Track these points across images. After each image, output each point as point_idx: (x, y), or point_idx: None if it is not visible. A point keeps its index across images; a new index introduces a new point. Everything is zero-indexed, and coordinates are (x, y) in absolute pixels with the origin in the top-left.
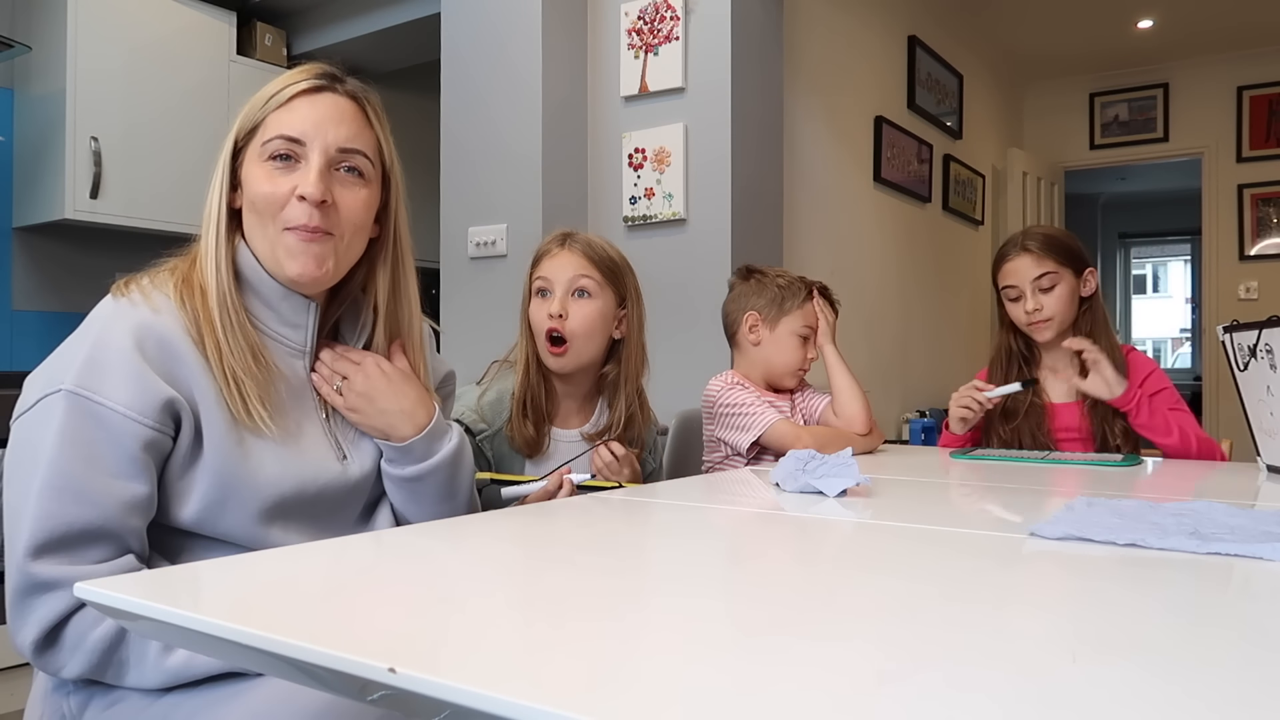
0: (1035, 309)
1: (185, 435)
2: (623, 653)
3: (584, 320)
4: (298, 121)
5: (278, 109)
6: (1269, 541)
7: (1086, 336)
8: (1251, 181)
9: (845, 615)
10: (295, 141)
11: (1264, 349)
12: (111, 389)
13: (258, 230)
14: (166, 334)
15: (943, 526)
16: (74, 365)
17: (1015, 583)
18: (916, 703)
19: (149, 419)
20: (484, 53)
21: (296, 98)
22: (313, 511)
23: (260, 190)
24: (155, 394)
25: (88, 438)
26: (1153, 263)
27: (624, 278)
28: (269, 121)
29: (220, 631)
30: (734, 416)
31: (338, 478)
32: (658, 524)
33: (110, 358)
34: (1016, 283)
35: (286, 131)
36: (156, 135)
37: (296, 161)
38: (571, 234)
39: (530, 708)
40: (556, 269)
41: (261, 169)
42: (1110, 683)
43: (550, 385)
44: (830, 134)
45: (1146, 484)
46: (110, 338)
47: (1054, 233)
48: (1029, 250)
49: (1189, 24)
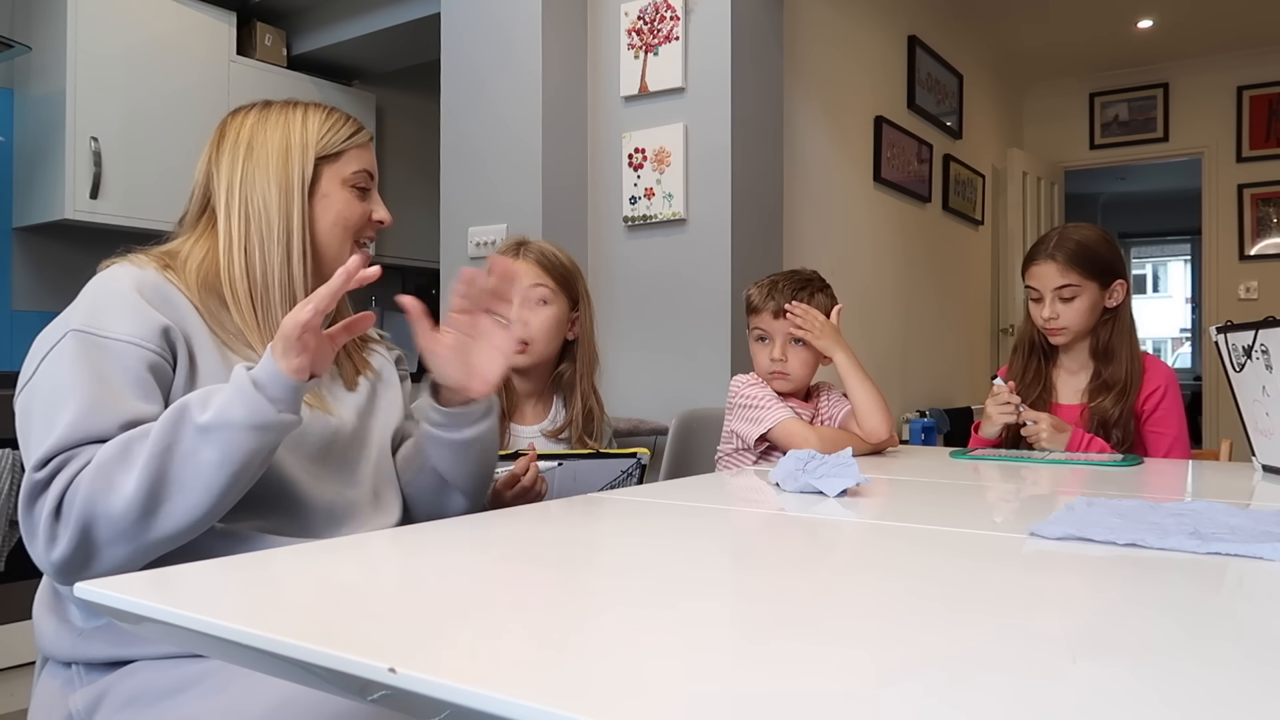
0: (1051, 317)
1: (182, 364)
2: (623, 653)
3: (542, 326)
4: (370, 162)
5: (357, 148)
6: (1269, 541)
7: (1103, 346)
8: (1251, 181)
9: (845, 615)
10: (370, 176)
11: (1260, 349)
12: (114, 323)
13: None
14: (161, 283)
15: (943, 526)
16: (79, 312)
17: (1015, 583)
18: (916, 703)
19: (149, 343)
20: (484, 53)
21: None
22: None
23: (354, 211)
24: (153, 321)
25: (100, 362)
26: (1153, 263)
27: (575, 282)
28: (352, 155)
29: (221, 631)
30: (748, 409)
31: (319, 418)
32: (658, 524)
33: (110, 300)
34: (1039, 287)
35: (369, 168)
36: (156, 135)
37: (368, 191)
38: (525, 242)
39: (530, 708)
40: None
41: (347, 193)
42: (1110, 683)
43: (509, 385)
44: (830, 134)
45: (1146, 484)
46: (109, 286)
47: (1087, 241)
48: (1055, 259)
49: (1189, 24)
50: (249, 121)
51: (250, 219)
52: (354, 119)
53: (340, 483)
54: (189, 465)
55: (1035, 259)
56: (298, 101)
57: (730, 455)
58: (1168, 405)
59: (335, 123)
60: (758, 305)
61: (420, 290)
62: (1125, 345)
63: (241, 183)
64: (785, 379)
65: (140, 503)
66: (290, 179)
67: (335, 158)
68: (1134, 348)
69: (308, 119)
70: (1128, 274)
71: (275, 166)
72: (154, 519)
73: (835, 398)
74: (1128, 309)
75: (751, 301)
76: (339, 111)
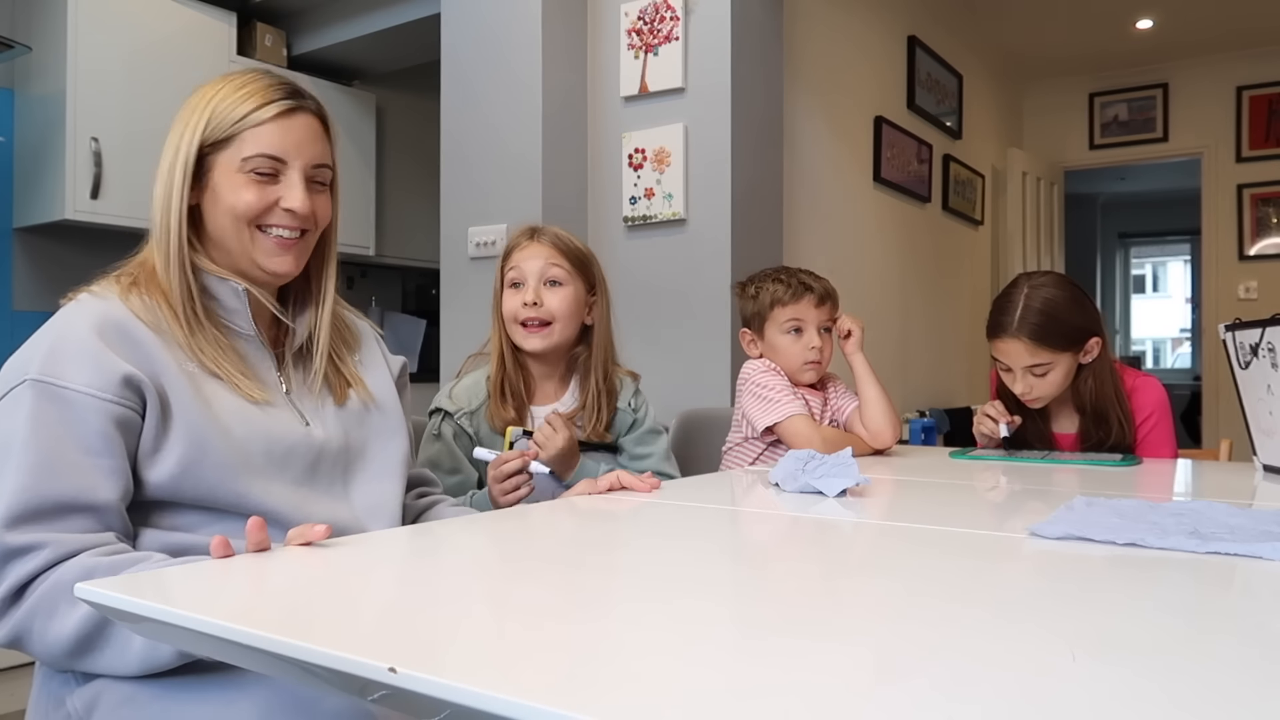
0: (1025, 391)
1: (152, 411)
2: (622, 653)
3: (561, 304)
4: (278, 141)
5: (255, 127)
6: (1268, 541)
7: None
8: (1251, 181)
9: (845, 615)
10: (278, 160)
11: (1266, 347)
12: (74, 373)
13: (229, 231)
14: (123, 321)
15: (943, 526)
16: (37, 357)
17: (1015, 583)
18: (916, 699)
19: (110, 394)
20: (484, 53)
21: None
22: (289, 474)
23: (243, 199)
24: (114, 371)
25: (56, 419)
26: (1152, 263)
27: (591, 267)
28: (247, 137)
29: (221, 632)
30: (760, 398)
31: (303, 439)
32: (658, 524)
33: (70, 346)
34: (1007, 362)
35: (269, 151)
36: (157, 136)
37: (276, 176)
38: (539, 228)
39: (530, 707)
40: (527, 260)
41: (239, 179)
42: (1110, 681)
43: (526, 370)
44: (830, 134)
45: (1146, 484)
46: (69, 329)
47: (1052, 309)
48: (1020, 338)
49: (1189, 24)
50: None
51: (152, 214)
52: (274, 88)
53: (332, 499)
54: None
55: (999, 333)
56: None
57: (738, 446)
58: (1159, 431)
59: (237, 99)
60: (788, 298)
61: (420, 290)
62: (1110, 398)
63: (157, 171)
64: (818, 368)
65: (73, 644)
66: (174, 168)
67: (225, 143)
68: (1121, 401)
69: (215, 96)
70: (1101, 327)
71: (169, 154)
72: (81, 658)
73: (843, 390)
74: (1105, 359)
75: (779, 296)
76: (256, 82)
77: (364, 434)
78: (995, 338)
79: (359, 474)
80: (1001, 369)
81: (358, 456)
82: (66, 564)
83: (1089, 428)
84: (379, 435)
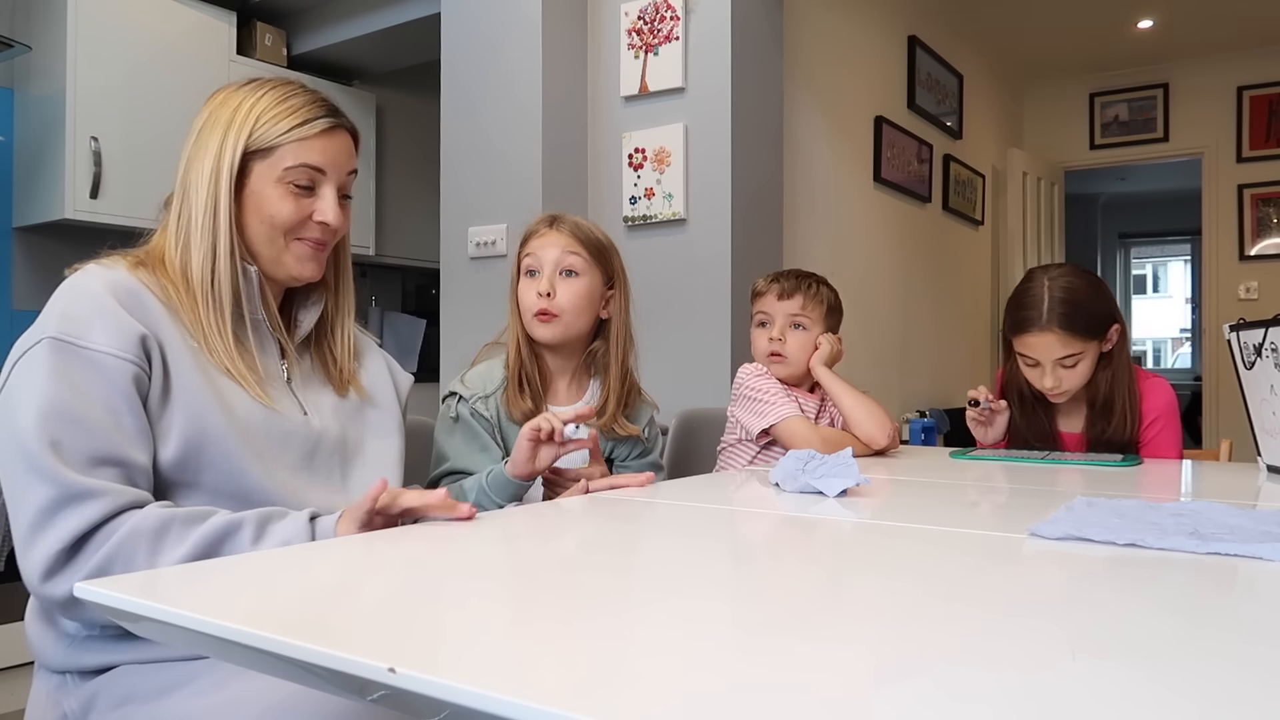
0: (1054, 385)
1: (156, 373)
2: (622, 653)
3: (572, 297)
4: (318, 156)
5: (298, 141)
6: (1269, 541)
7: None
8: (1251, 181)
9: (845, 615)
10: (318, 172)
11: (1270, 347)
12: (94, 333)
13: (262, 237)
14: (134, 287)
15: (943, 526)
16: (53, 316)
17: (1015, 583)
18: (916, 702)
19: (130, 354)
20: (484, 53)
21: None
22: (288, 457)
23: (283, 211)
24: (131, 330)
25: (79, 379)
26: (1153, 263)
27: (611, 258)
28: (289, 150)
29: (221, 632)
30: (754, 401)
31: (301, 426)
32: (658, 524)
33: (86, 306)
34: (1037, 357)
35: (311, 163)
36: (156, 135)
37: (313, 189)
38: (559, 216)
39: (530, 707)
40: (544, 248)
41: (279, 190)
42: (1110, 682)
43: (541, 360)
44: (830, 134)
45: (1146, 484)
46: (82, 291)
47: (1078, 297)
48: (1053, 329)
49: (1189, 24)
50: (216, 100)
51: (184, 210)
52: (316, 104)
53: (329, 489)
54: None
55: (1027, 328)
56: (266, 81)
57: (733, 446)
58: (1166, 434)
59: (280, 112)
60: (762, 290)
61: (420, 290)
62: (1122, 393)
63: (186, 169)
64: (782, 362)
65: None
66: (219, 172)
67: (266, 153)
68: (1131, 394)
69: (257, 105)
70: (1119, 313)
71: (210, 157)
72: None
73: None
74: (1123, 348)
75: (756, 288)
76: (298, 96)
77: (361, 430)
78: (1023, 333)
79: (356, 467)
80: (1027, 364)
81: (355, 451)
82: (138, 513)
83: (1093, 417)
84: (376, 432)
